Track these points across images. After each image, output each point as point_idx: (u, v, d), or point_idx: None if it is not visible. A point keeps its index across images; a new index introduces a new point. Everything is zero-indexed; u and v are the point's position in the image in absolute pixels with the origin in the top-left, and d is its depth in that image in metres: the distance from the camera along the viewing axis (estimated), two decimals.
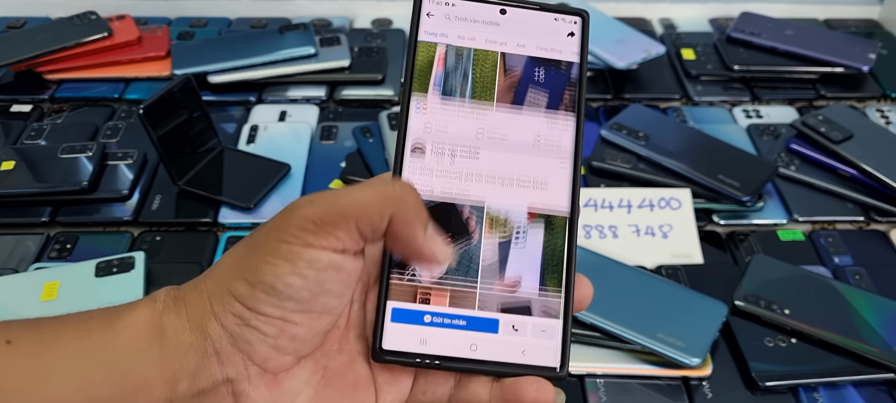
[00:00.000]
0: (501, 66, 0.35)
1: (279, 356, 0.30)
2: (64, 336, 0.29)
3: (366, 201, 0.29)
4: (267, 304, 0.29)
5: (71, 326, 0.29)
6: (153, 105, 0.68)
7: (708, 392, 0.57)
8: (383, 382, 0.32)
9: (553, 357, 0.32)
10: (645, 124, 0.78)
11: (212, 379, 0.29)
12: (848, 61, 0.90)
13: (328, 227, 0.28)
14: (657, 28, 1.04)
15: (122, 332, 0.29)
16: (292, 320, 0.29)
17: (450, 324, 0.32)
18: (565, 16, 0.36)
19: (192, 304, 0.29)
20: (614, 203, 0.71)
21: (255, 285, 0.28)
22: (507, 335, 0.32)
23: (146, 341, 0.29)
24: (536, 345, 0.32)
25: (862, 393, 0.57)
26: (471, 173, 0.34)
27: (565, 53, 0.36)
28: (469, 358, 0.32)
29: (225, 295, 0.29)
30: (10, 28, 0.99)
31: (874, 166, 0.74)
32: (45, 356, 0.28)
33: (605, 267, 0.63)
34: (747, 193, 0.71)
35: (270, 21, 1.02)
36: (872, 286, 0.65)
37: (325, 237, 0.28)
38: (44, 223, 0.71)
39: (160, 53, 0.91)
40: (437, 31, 0.35)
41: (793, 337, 0.60)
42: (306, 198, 0.29)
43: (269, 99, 0.88)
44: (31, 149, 0.78)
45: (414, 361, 0.31)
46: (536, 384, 0.31)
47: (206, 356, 0.29)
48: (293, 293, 0.29)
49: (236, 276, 0.29)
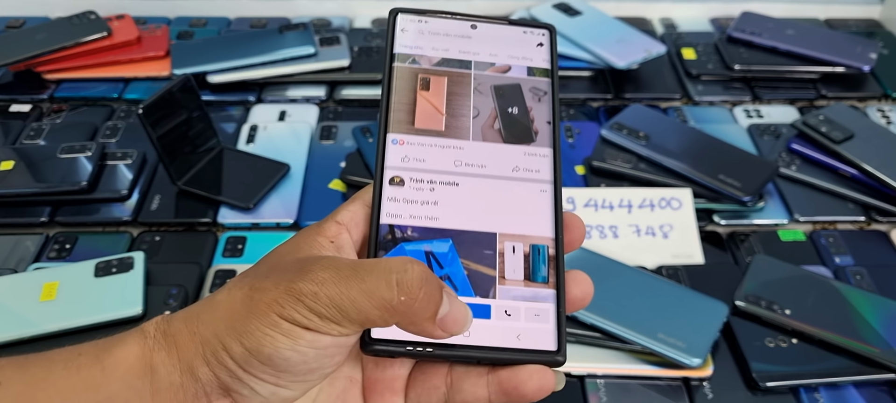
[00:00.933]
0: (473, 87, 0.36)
1: (278, 392, 0.29)
2: (53, 375, 0.28)
3: (367, 310, 0.27)
4: (261, 371, 0.28)
5: (60, 364, 0.29)
6: (152, 105, 0.68)
7: (708, 393, 0.57)
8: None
9: (550, 340, 0.31)
10: (645, 124, 0.78)
11: None
12: (849, 61, 0.90)
13: (332, 322, 0.28)
14: (658, 27, 1.04)
15: (112, 370, 0.28)
16: (286, 386, 0.29)
17: None
18: (534, 29, 0.38)
19: (183, 345, 0.29)
20: (615, 203, 0.71)
21: (252, 353, 0.28)
22: (500, 320, 0.31)
23: (137, 378, 0.28)
24: (531, 329, 0.31)
25: (863, 394, 0.57)
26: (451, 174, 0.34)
27: (536, 61, 0.37)
28: (461, 344, 0.30)
29: (219, 350, 0.28)
30: (9, 28, 0.99)
31: (875, 166, 0.73)
32: (37, 397, 0.28)
33: (606, 267, 0.63)
34: (748, 193, 0.71)
35: (270, 21, 1.02)
36: (873, 286, 0.65)
37: (330, 326, 0.28)
38: (43, 223, 0.71)
39: (159, 53, 0.91)
40: (412, 45, 0.36)
41: (793, 338, 0.60)
42: (316, 277, 0.28)
43: (268, 99, 0.88)
44: (31, 148, 0.78)
45: (404, 350, 0.30)
46: (537, 373, 0.30)
47: (197, 397, 0.29)
48: (290, 367, 0.28)
49: (232, 335, 0.28)
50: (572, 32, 0.92)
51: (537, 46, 0.37)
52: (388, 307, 0.27)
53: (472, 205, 0.34)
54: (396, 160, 0.34)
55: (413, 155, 0.34)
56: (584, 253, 0.63)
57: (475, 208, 0.34)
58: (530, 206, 0.34)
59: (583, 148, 0.80)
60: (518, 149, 0.35)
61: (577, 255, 0.63)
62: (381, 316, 0.27)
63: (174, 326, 0.29)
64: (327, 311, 0.27)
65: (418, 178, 0.34)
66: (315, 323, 0.27)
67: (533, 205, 0.34)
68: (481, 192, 0.34)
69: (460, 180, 0.34)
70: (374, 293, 0.27)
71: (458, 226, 0.33)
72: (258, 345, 0.27)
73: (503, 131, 0.35)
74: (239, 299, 0.28)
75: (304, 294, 0.27)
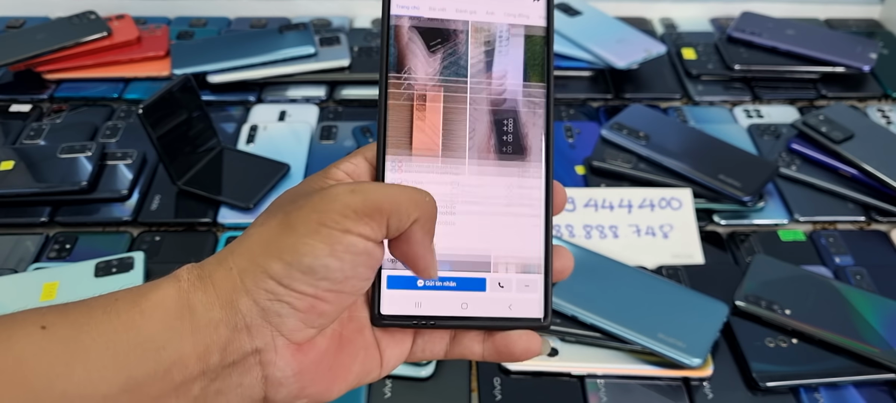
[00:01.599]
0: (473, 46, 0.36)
1: (306, 329, 0.31)
2: (94, 318, 0.29)
3: (400, 200, 0.31)
4: (302, 283, 0.30)
5: (99, 309, 0.30)
6: (152, 105, 0.68)
7: (708, 393, 0.57)
8: (386, 344, 0.35)
9: (538, 309, 0.35)
10: (645, 124, 0.78)
11: (241, 351, 0.31)
12: (849, 61, 0.90)
13: (367, 218, 0.30)
14: (658, 27, 1.04)
15: (151, 312, 0.30)
16: (324, 298, 0.31)
17: (441, 286, 0.35)
18: None
19: (219, 283, 0.31)
20: (615, 203, 0.71)
21: (293, 264, 0.30)
22: (494, 292, 0.35)
23: (176, 319, 0.30)
24: (521, 299, 0.35)
25: (863, 394, 0.57)
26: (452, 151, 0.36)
27: (532, 18, 0.37)
28: (461, 316, 0.35)
29: (258, 273, 0.30)
30: (9, 28, 0.99)
31: (875, 166, 0.73)
32: (81, 339, 0.29)
33: (606, 267, 0.63)
34: (748, 193, 0.71)
35: (270, 21, 1.02)
36: (873, 286, 0.65)
37: (364, 226, 0.30)
38: (43, 223, 0.71)
39: (159, 53, 0.91)
40: (409, 5, 0.36)
41: (794, 338, 0.60)
42: (347, 187, 0.31)
43: (268, 99, 0.88)
44: (31, 148, 0.78)
45: (410, 323, 0.34)
46: (525, 336, 0.35)
47: (237, 329, 0.30)
48: (329, 274, 0.30)
49: (272, 255, 0.30)
50: (572, 32, 0.92)
51: (534, 2, 0.37)
52: (415, 198, 0.31)
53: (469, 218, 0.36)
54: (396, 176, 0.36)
55: (411, 179, 0.35)
56: (585, 253, 0.63)
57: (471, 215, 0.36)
58: (521, 200, 0.36)
59: (583, 148, 0.80)
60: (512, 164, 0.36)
61: (578, 255, 0.63)
62: (408, 208, 0.31)
63: (207, 269, 0.31)
64: (365, 207, 0.30)
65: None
66: (352, 223, 0.30)
67: (524, 198, 0.36)
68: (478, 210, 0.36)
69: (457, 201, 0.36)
70: (401, 187, 0.32)
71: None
72: (299, 256, 0.30)
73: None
74: (274, 225, 0.31)
75: (342, 194, 0.30)
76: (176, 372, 0.29)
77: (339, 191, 0.31)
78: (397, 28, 0.36)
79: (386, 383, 0.56)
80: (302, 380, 0.32)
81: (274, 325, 0.31)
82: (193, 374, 0.30)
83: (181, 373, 0.30)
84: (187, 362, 0.30)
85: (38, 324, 0.29)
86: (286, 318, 0.31)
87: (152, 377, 0.29)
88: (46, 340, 0.29)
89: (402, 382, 0.57)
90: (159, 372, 0.29)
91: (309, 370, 0.32)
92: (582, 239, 0.69)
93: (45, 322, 0.29)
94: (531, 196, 0.36)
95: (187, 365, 0.30)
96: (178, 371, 0.29)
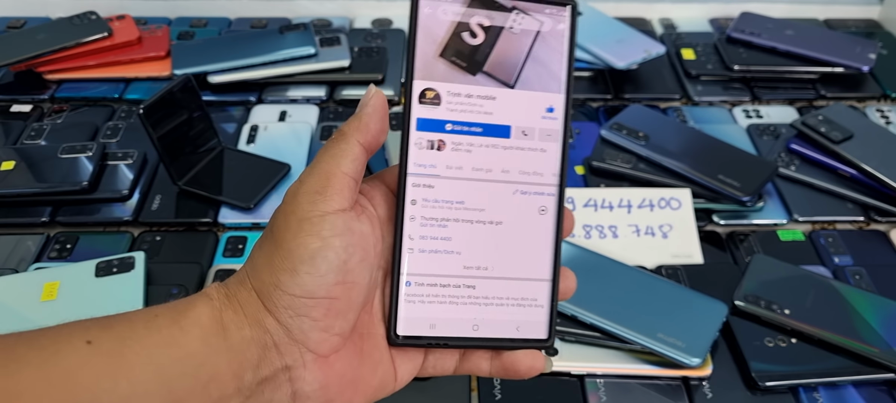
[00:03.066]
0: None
1: (329, 337, 0.33)
2: (136, 333, 0.30)
3: (336, 148, 0.34)
4: (310, 282, 0.32)
5: (141, 325, 0.31)
6: (153, 105, 0.68)
7: (708, 393, 0.57)
8: (400, 360, 0.37)
9: (543, 330, 0.37)
10: (645, 124, 0.78)
11: (272, 368, 0.32)
12: (848, 61, 0.90)
13: (328, 192, 0.32)
14: (657, 28, 1.04)
15: (190, 329, 0.31)
16: (333, 295, 0.32)
17: (454, 308, 0.36)
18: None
19: (245, 303, 0.32)
20: (614, 203, 0.71)
21: (296, 270, 0.32)
22: (503, 314, 0.37)
23: (213, 336, 0.31)
24: (528, 321, 0.37)
25: (862, 393, 0.57)
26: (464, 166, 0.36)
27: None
28: (472, 337, 0.36)
29: (273, 291, 0.32)
30: (10, 28, 0.99)
31: (874, 166, 0.74)
32: (126, 353, 0.30)
33: (605, 267, 0.63)
34: (747, 193, 0.71)
35: (270, 21, 1.02)
36: (872, 286, 0.65)
37: (330, 201, 0.32)
38: (44, 223, 0.71)
39: (160, 53, 0.91)
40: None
41: (793, 337, 0.60)
42: (296, 183, 0.34)
43: (269, 99, 0.88)
44: (31, 149, 0.78)
45: (425, 343, 0.36)
46: (530, 355, 0.36)
47: (267, 348, 0.32)
48: (327, 262, 0.32)
49: (276, 269, 0.32)
50: None
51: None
52: (355, 117, 0.34)
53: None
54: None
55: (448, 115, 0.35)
56: (584, 253, 0.64)
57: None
58: (533, 221, 0.37)
59: (582, 148, 0.80)
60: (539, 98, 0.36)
61: (578, 255, 0.63)
62: (351, 133, 0.34)
63: (232, 289, 0.33)
64: (319, 183, 0.33)
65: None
66: (322, 204, 0.32)
67: (535, 223, 0.37)
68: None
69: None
70: (336, 137, 0.35)
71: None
72: (297, 260, 0.32)
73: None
74: (268, 245, 0.33)
75: (299, 188, 0.33)
76: (213, 389, 0.31)
77: (293, 188, 0.33)
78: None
79: None
80: (327, 393, 0.33)
81: (300, 342, 0.32)
82: (229, 391, 0.31)
83: (218, 390, 0.31)
84: (224, 379, 0.31)
85: (83, 338, 0.30)
86: (310, 333, 0.32)
87: (191, 392, 0.30)
88: (92, 354, 0.29)
89: None
90: (198, 388, 0.30)
91: (333, 383, 0.33)
92: (581, 239, 0.69)
93: (90, 336, 0.30)
94: (543, 222, 0.37)
95: (224, 382, 0.31)
96: (215, 388, 0.31)
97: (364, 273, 0.34)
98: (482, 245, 0.36)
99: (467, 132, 0.35)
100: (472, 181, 0.35)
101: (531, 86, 0.36)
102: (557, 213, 0.37)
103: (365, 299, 0.35)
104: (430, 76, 0.35)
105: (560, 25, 0.36)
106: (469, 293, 0.36)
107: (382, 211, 0.36)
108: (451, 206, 0.35)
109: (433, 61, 0.35)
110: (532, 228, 0.36)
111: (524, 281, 0.36)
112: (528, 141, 0.36)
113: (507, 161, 0.36)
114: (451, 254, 0.36)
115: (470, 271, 0.36)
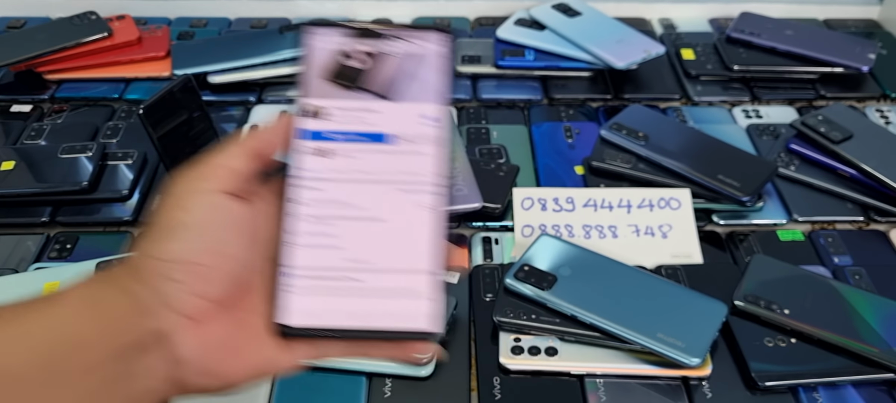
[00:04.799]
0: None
1: (194, 300, 0.34)
2: (10, 307, 0.33)
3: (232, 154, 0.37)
4: (175, 248, 0.34)
5: (22, 305, 0.33)
6: (153, 105, 0.68)
7: (708, 392, 0.57)
8: (290, 343, 0.37)
9: (425, 322, 0.37)
10: (645, 124, 0.78)
11: (141, 331, 0.33)
12: (847, 61, 0.90)
13: (201, 176, 0.36)
14: (657, 28, 1.04)
15: (59, 300, 0.33)
16: (200, 260, 0.34)
17: (339, 299, 0.37)
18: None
19: (118, 275, 0.34)
20: (614, 203, 0.71)
21: (162, 236, 0.34)
22: (389, 304, 0.37)
23: (84, 308, 0.33)
24: (411, 314, 0.37)
25: (862, 393, 0.57)
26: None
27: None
28: (355, 328, 0.37)
29: (144, 260, 0.34)
30: (10, 28, 0.99)
31: (874, 166, 0.74)
32: (3, 327, 0.32)
33: (605, 266, 0.63)
34: (747, 193, 0.71)
35: (270, 21, 1.02)
36: (872, 286, 0.65)
37: (202, 182, 0.35)
38: (44, 223, 0.71)
39: (160, 53, 0.91)
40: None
41: (792, 337, 0.60)
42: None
43: (269, 99, 0.88)
44: (31, 149, 0.78)
45: (315, 333, 0.37)
46: (417, 345, 0.38)
47: (137, 313, 0.33)
48: (190, 230, 0.34)
49: (148, 240, 0.35)
50: (571, 33, 0.92)
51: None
52: (250, 138, 0.37)
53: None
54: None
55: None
56: (584, 253, 0.64)
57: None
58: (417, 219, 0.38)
59: (582, 148, 0.80)
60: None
61: (578, 255, 0.63)
62: (247, 141, 0.37)
63: (111, 267, 0.36)
64: (199, 170, 0.36)
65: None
66: (196, 182, 0.36)
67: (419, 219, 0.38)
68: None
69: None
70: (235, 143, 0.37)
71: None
72: (163, 228, 0.35)
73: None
74: (148, 224, 0.36)
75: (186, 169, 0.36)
76: (84, 353, 0.32)
77: (177, 175, 0.37)
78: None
79: (386, 382, 0.57)
80: (206, 360, 0.35)
81: (168, 304, 0.34)
82: (101, 356, 0.32)
83: (88, 353, 0.32)
84: (93, 343, 0.32)
85: None
86: (175, 294, 0.34)
87: (60, 356, 0.32)
88: None
89: (402, 381, 0.57)
90: (66, 351, 0.32)
91: (212, 348, 0.35)
92: (581, 239, 0.69)
93: None
94: (424, 218, 0.38)
95: (93, 347, 0.32)
96: (86, 352, 0.32)
97: (240, 249, 0.36)
98: (365, 241, 0.38)
99: (350, 140, 0.38)
100: (355, 183, 0.38)
101: (408, 99, 0.39)
102: (438, 210, 0.38)
103: (242, 273, 0.36)
104: (315, 94, 0.39)
105: (440, 48, 0.39)
106: (352, 285, 0.37)
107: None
108: (334, 205, 0.38)
109: (318, 82, 0.39)
110: (413, 224, 0.38)
111: (406, 274, 0.37)
112: (407, 145, 0.38)
113: (388, 164, 0.38)
114: (334, 249, 0.37)
115: (353, 264, 0.37)
